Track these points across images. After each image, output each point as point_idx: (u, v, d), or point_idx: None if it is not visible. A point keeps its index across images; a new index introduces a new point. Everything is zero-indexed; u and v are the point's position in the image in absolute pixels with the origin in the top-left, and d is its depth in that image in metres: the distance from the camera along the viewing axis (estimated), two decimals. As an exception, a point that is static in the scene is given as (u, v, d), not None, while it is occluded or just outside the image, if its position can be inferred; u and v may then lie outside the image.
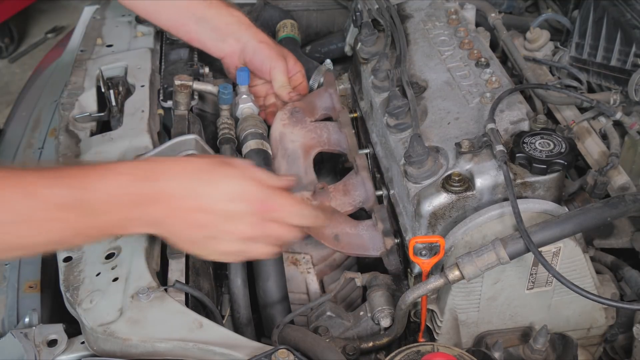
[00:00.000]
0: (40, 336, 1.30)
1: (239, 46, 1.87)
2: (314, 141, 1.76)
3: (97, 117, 1.82)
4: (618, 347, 1.48)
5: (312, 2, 2.30)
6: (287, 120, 1.79)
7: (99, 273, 1.38)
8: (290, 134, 1.76)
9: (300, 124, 1.78)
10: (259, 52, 1.87)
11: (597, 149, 1.64)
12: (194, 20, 1.87)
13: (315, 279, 1.57)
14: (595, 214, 1.25)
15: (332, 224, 1.53)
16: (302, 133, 1.77)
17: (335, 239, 1.52)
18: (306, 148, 1.75)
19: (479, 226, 1.34)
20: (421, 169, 1.40)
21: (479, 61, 1.63)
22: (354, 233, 1.54)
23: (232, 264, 1.48)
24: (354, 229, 1.54)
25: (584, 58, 1.81)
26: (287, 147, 1.74)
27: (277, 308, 1.51)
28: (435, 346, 1.23)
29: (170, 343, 1.25)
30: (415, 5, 1.87)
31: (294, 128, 1.77)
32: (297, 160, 1.72)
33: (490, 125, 1.40)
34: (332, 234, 1.52)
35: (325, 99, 1.86)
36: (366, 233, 1.54)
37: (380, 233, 1.51)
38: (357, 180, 1.64)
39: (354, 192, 1.63)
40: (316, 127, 1.79)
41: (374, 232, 1.53)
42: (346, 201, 1.62)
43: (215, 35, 1.88)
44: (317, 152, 1.76)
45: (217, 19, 1.88)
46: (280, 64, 1.86)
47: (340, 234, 1.53)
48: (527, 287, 1.35)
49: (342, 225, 1.54)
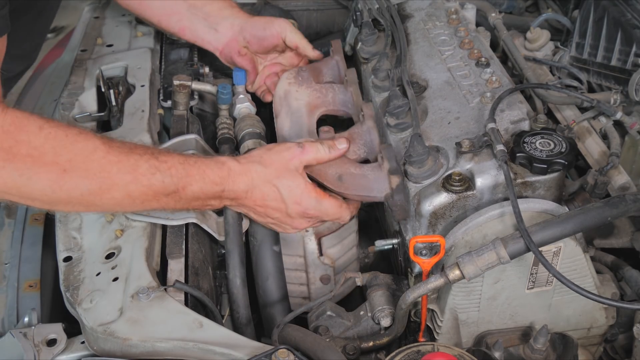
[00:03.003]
0: (39, 336, 1.30)
1: (236, 29, 1.85)
2: (319, 100, 1.74)
3: (97, 117, 1.82)
4: (618, 346, 1.48)
5: (312, 2, 2.30)
6: (292, 80, 1.77)
7: (99, 273, 1.38)
8: (296, 92, 1.75)
9: (306, 83, 1.77)
10: (256, 23, 1.83)
11: (597, 149, 1.64)
12: (185, 7, 1.85)
13: (314, 238, 1.55)
14: (595, 213, 1.25)
15: (336, 165, 1.50)
16: (307, 92, 1.75)
17: (338, 180, 1.49)
18: (310, 107, 1.72)
19: (479, 226, 1.34)
20: (421, 169, 1.40)
21: (479, 61, 1.62)
22: (358, 173, 1.50)
23: (230, 264, 1.48)
24: (358, 170, 1.51)
25: (584, 58, 1.81)
26: (291, 105, 1.72)
27: (277, 308, 1.51)
28: (435, 346, 1.23)
29: (170, 343, 1.25)
30: (416, 5, 1.87)
31: (299, 87, 1.76)
32: (301, 118, 1.70)
33: (490, 124, 1.40)
34: (335, 174, 1.50)
35: (332, 66, 1.84)
36: (371, 173, 1.50)
37: (385, 173, 1.47)
38: (362, 129, 1.61)
39: (358, 140, 1.60)
40: (322, 87, 1.76)
41: (379, 172, 1.49)
42: (351, 149, 1.59)
43: (208, 23, 1.86)
44: (322, 112, 1.74)
45: (209, 6, 1.86)
46: (285, 22, 1.83)
47: (344, 174, 1.50)
48: (528, 286, 1.34)
49: (347, 166, 1.51)
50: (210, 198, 1.42)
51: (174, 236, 1.49)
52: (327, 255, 1.59)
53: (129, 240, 1.43)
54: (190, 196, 1.38)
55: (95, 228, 1.47)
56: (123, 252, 1.41)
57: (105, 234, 1.46)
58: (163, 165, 1.34)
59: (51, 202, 1.30)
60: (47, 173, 1.24)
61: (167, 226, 1.51)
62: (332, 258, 1.60)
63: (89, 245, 1.44)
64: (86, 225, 1.48)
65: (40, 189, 1.26)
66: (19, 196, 1.28)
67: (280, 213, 1.46)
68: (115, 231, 1.45)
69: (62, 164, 1.25)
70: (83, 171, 1.27)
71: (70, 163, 1.26)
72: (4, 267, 1.57)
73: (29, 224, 1.64)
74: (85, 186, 1.28)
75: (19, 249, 1.59)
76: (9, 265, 1.57)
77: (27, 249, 1.59)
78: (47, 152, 1.24)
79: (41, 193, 1.26)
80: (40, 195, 1.27)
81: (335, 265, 1.59)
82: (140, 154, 1.33)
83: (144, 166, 1.32)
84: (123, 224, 1.47)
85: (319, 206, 1.46)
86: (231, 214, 1.53)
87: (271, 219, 1.49)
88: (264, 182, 1.44)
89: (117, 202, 1.33)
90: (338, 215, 1.50)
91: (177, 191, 1.36)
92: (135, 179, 1.31)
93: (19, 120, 1.23)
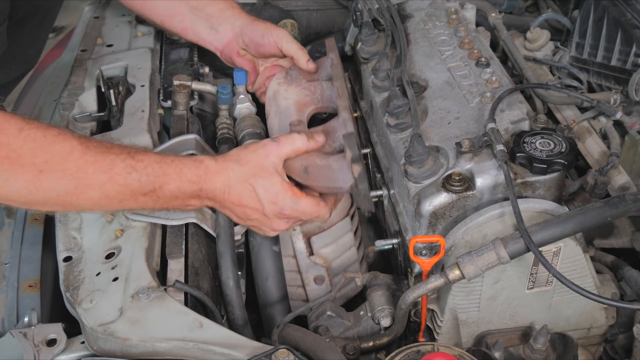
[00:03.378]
0: (39, 336, 1.30)
1: (236, 31, 1.84)
2: (307, 98, 1.72)
3: (97, 117, 1.82)
4: (618, 346, 1.48)
5: (312, 2, 2.30)
6: (282, 80, 1.77)
7: (99, 273, 1.38)
8: (285, 91, 1.74)
9: (295, 82, 1.76)
10: (256, 29, 1.83)
11: (597, 149, 1.64)
12: (188, 8, 1.85)
13: (301, 237, 1.54)
14: (595, 213, 1.25)
15: (302, 157, 1.49)
16: (296, 91, 1.74)
17: (304, 172, 1.48)
18: (299, 105, 1.71)
19: (479, 226, 1.34)
20: (421, 169, 1.40)
21: (479, 61, 1.62)
22: (323, 164, 1.49)
23: (223, 266, 1.48)
24: (323, 161, 1.49)
25: (584, 58, 1.81)
26: (280, 104, 1.72)
27: (276, 308, 1.51)
28: (435, 346, 1.23)
29: (170, 343, 1.25)
30: (416, 5, 1.87)
31: (288, 86, 1.75)
32: (290, 117, 1.68)
33: (490, 124, 1.40)
34: (301, 167, 1.48)
35: (327, 65, 1.82)
36: (336, 164, 1.48)
37: (348, 162, 1.46)
38: (338, 122, 1.59)
39: (334, 134, 1.57)
40: (310, 85, 1.75)
41: (343, 162, 1.47)
42: (327, 143, 1.56)
43: (209, 24, 1.85)
44: (312, 110, 1.72)
45: (210, 7, 1.85)
46: (282, 32, 1.82)
47: (309, 165, 1.48)
48: (528, 286, 1.34)
49: (312, 157, 1.49)
50: (189, 197, 1.41)
51: (173, 236, 1.49)
52: (320, 255, 1.57)
53: (129, 240, 1.43)
54: (168, 195, 1.38)
55: (95, 228, 1.47)
56: (123, 252, 1.41)
57: (105, 234, 1.46)
58: (139, 165, 1.35)
59: (28, 202, 1.31)
60: (23, 174, 1.26)
61: (167, 226, 1.51)
62: (324, 258, 1.58)
63: (89, 245, 1.44)
64: (86, 225, 1.48)
65: (17, 189, 1.27)
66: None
67: (258, 214, 1.45)
68: (115, 231, 1.45)
69: (38, 164, 1.26)
70: (59, 172, 1.28)
71: (47, 164, 1.27)
72: (4, 267, 1.56)
73: (29, 224, 1.64)
74: (61, 186, 1.29)
75: (19, 249, 1.59)
76: (9, 265, 1.57)
77: (27, 249, 1.59)
78: (25, 154, 1.25)
79: (18, 194, 1.28)
80: (17, 196, 1.29)
81: (329, 266, 1.58)
82: (116, 154, 1.34)
83: (120, 165, 1.33)
84: (123, 224, 1.47)
85: (295, 205, 1.45)
86: (222, 216, 1.52)
87: (250, 220, 1.48)
88: (240, 181, 1.43)
89: (94, 202, 1.34)
90: (316, 214, 1.48)
91: (155, 190, 1.36)
92: (111, 179, 1.32)
93: (1, 123, 1.25)
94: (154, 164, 1.36)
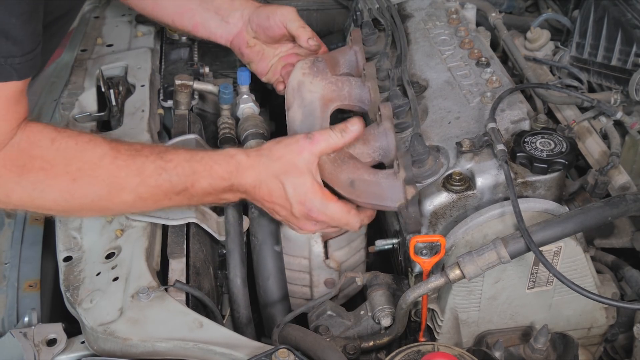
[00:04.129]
0: (39, 335, 1.30)
1: (245, 19, 1.82)
2: (334, 94, 1.63)
3: (97, 117, 1.82)
4: (618, 346, 1.48)
5: (312, 2, 2.30)
6: (307, 70, 1.68)
7: (99, 273, 1.38)
8: (310, 84, 1.65)
9: (321, 74, 1.66)
10: (262, 12, 1.79)
11: (597, 149, 1.64)
12: (197, 4, 1.83)
13: (320, 241, 1.51)
14: (596, 213, 1.25)
15: (349, 169, 1.42)
16: (322, 84, 1.65)
17: (350, 186, 1.41)
18: (325, 101, 1.63)
19: (479, 225, 1.34)
20: (422, 168, 1.40)
21: (480, 61, 1.62)
22: (371, 180, 1.41)
23: (231, 264, 1.48)
24: (372, 176, 1.42)
25: (585, 58, 1.81)
26: (304, 97, 1.64)
27: (277, 307, 1.50)
28: (435, 345, 1.23)
29: (171, 343, 1.25)
30: (416, 4, 1.87)
31: (314, 78, 1.65)
32: (314, 112, 1.62)
33: (491, 124, 1.40)
34: (347, 180, 1.41)
35: (350, 57, 1.75)
36: (385, 181, 1.40)
37: (401, 182, 1.38)
38: (379, 130, 1.51)
39: (374, 142, 1.50)
40: (337, 80, 1.65)
41: (394, 181, 1.39)
42: (365, 151, 1.49)
43: (219, 16, 1.83)
44: (336, 106, 1.65)
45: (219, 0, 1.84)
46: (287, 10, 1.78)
47: (356, 180, 1.41)
48: (528, 286, 1.34)
49: (360, 171, 1.43)
50: (222, 192, 1.41)
51: (175, 236, 1.49)
52: (333, 258, 1.56)
53: (129, 240, 1.43)
54: (201, 192, 1.39)
55: (95, 228, 1.47)
56: (123, 252, 1.41)
57: (105, 234, 1.46)
58: (169, 165, 1.35)
59: (65, 210, 1.36)
60: (58, 184, 1.29)
61: (167, 226, 1.51)
62: (338, 261, 1.57)
63: (89, 245, 1.44)
64: (86, 225, 1.48)
65: (53, 199, 1.31)
66: (35, 207, 1.34)
67: (286, 211, 1.43)
68: (115, 231, 1.45)
69: (72, 173, 1.29)
70: (92, 178, 1.31)
71: (80, 172, 1.30)
72: (4, 267, 1.56)
73: (29, 224, 1.64)
74: (95, 192, 1.32)
75: (19, 249, 1.59)
76: (9, 265, 1.56)
77: (27, 249, 1.59)
78: (58, 164, 1.29)
79: (55, 203, 1.32)
80: (54, 205, 1.33)
81: (340, 269, 1.58)
82: (146, 156, 1.35)
83: (150, 167, 1.34)
84: (123, 224, 1.46)
85: (323, 209, 1.40)
86: (232, 214, 1.52)
87: (280, 216, 1.46)
88: (270, 176, 1.40)
89: (130, 204, 1.37)
90: (345, 222, 1.42)
91: (187, 189, 1.37)
92: (143, 182, 1.34)
93: (34, 134, 1.28)
94: (183, 163, 1.37)
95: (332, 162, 1.43)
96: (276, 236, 1.55)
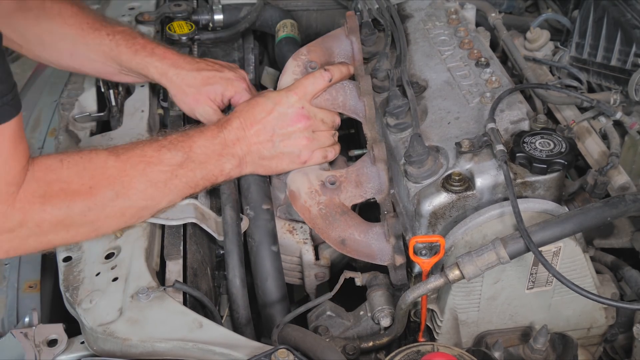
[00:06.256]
0: (40, 336, 1.30)
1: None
2: (327, 103, 1.62)
3: (97, 117, 1.82)
4: (618, 347, 1.48)
5: (312, 2, 2.30)
6: (299, 74, 1.66)
7: (98, 273, 1.38)
8: None
9: None
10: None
11: (597, 149, 1.64)
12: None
13: (312, 250, 1.55)
14: (595, 213, 1.25)
15: (340, 227, 1.48)
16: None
17: (341, 243, 1.48)
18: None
19: (479, 226, 1.34)
20: (421, 169, 1.40)
21: (479, 61, 1.62)
22: (362, 241, 1.47)
23: (230, 264, 1.48)
24: (362, 236, 1.47)
25: (584, 58, 1.81)
26: None
27: (276, 308, 1.50)
28: (435, 346, 1.23)
29: (170, 343, 1.25)
30: (416, 5, 1.86)
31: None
32: None
33: (490, 124, 1.40)
34: (339, 238, 1.47)
35: (345, 45, 1.71)
36: (375, 243, 1.46)
37: (390, 246, 1.45)
38: (371, 171, 1.54)
39: (367, 184, 1.54)
40: (332, 89, 1.62)
41: (384, 243, 1.46)
42: (357, 193, 1.53)
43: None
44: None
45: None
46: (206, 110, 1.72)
47: (347, 239, 1.47)
48: (527, 286, 1.34)
49: (351, 230, 1.48)
50: (219, 155, 1.50)
51: (171, 237, 1.49)
52: (324, 256, 1.59)
53: (128, 241, 1.43)
54: (201, 156, 1.47)
55: (95, 228, 1.47)
56: (123, 252, 1.41)
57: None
58: (164, 141, 1.46)
59: (93, 221, 1.38)
60: (78, 196, 1.34)
61: (165, 227, 1.51)
62: (328, 258, 1.61)
63: (89, 245, 1.44)
64: (86, 225, 1.48)
65: (79, 212, 1.34)
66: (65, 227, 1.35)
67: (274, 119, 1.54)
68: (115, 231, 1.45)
69: (87, 183, 1.35)
70: (104, 180, 1.37)
71: (94, 179, 1.36)
72: (4, 268, 1.57)
73: (29, 224, 1.64)
74: (111, 192, 1.37)
75: (19, 249, 1.59)
76: (9, 266, 1.57)
77: (27, 249, 1.59)
78: (73, 179, 1.35)
79: (81, 215, 1.35)
80: (82, 218, 1.36)
81: (329, 263, 1.60)
82: (142, 143, 1.46)
83: (148, 150, 1.43)
84: (123, 224, 1.47)
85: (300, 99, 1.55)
86: (230, 214, 1.52)
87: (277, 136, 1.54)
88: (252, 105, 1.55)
89: (144, 193, 1.41)
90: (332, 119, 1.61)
91: (188, 157, 1.45)
92: (148, 164, 1.41)
93: (43, 162, 1.33)
94: (176, 135, 1.49)
95: (324, 218, 1.50)
96: (273, 236, 1.56)
